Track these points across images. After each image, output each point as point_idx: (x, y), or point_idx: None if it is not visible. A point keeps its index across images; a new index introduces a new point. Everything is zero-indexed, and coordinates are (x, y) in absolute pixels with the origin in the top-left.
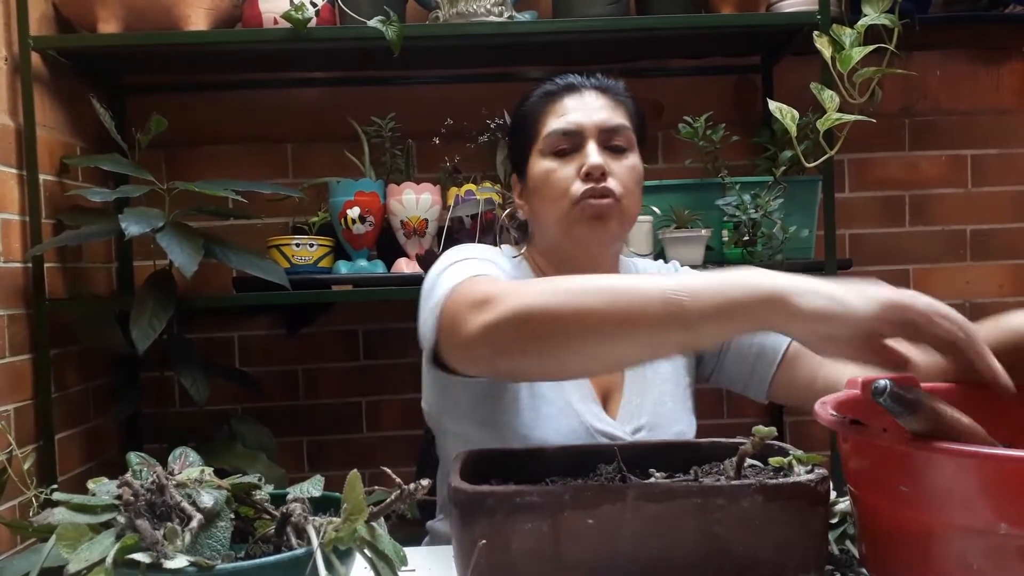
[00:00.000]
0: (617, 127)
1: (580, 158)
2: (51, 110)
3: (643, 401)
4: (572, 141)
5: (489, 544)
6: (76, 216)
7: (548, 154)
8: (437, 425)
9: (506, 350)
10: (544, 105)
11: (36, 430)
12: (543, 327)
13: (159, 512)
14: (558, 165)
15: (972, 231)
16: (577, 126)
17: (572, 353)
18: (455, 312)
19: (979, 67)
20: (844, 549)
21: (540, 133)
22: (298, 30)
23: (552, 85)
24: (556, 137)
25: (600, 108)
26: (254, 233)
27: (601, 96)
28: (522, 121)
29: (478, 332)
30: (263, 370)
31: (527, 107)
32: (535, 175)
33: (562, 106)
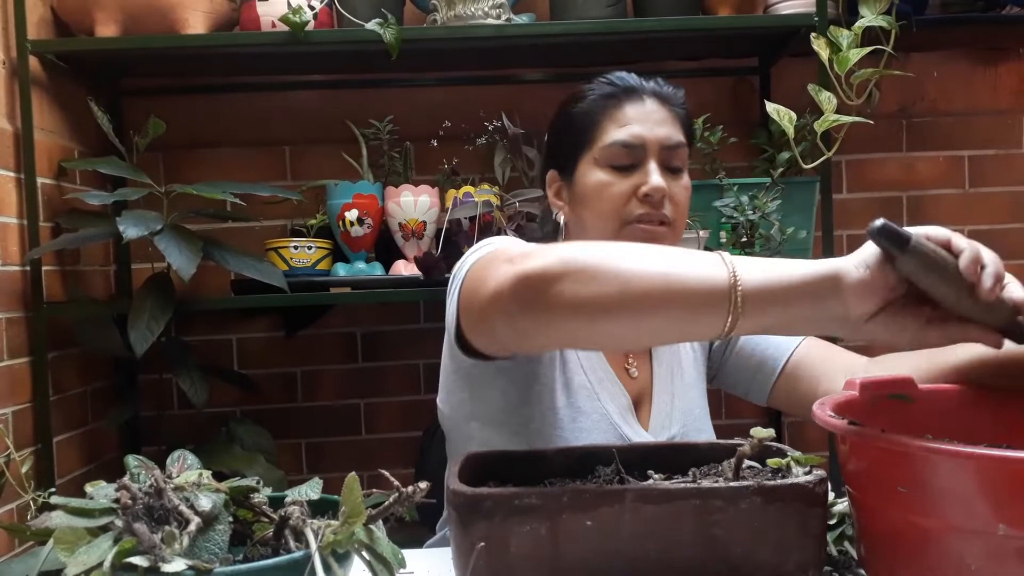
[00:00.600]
0: (677, 145)
1: (639, 176)
2: (49, 113)
3: (672, 409)
4: (633, 156)
5: (488, 546)
6: (74, 219)
7: (605, 165)
8: (459, 429)
9: (536, 306)
10: (603, 109)
11: (34, 433)
12: (588, 280)
13: (157, 515)
14: (615, 180)
15: (969, 232)
16: (640, 140)
17: (610, 320)
18: (485, 267)
19: (976, 68)
20: (842, 550)
21: (597, 140)
22: (296, 33)
23: (611, 87)
24: (617, 150)
25: (661, 121)
26: (252, 236)
27: (662, 106)
28: (576, 121)
29: (507, 281)
30: (261, 372)
31: (584, 107)
32: (587, 184)
33: (623, 114)
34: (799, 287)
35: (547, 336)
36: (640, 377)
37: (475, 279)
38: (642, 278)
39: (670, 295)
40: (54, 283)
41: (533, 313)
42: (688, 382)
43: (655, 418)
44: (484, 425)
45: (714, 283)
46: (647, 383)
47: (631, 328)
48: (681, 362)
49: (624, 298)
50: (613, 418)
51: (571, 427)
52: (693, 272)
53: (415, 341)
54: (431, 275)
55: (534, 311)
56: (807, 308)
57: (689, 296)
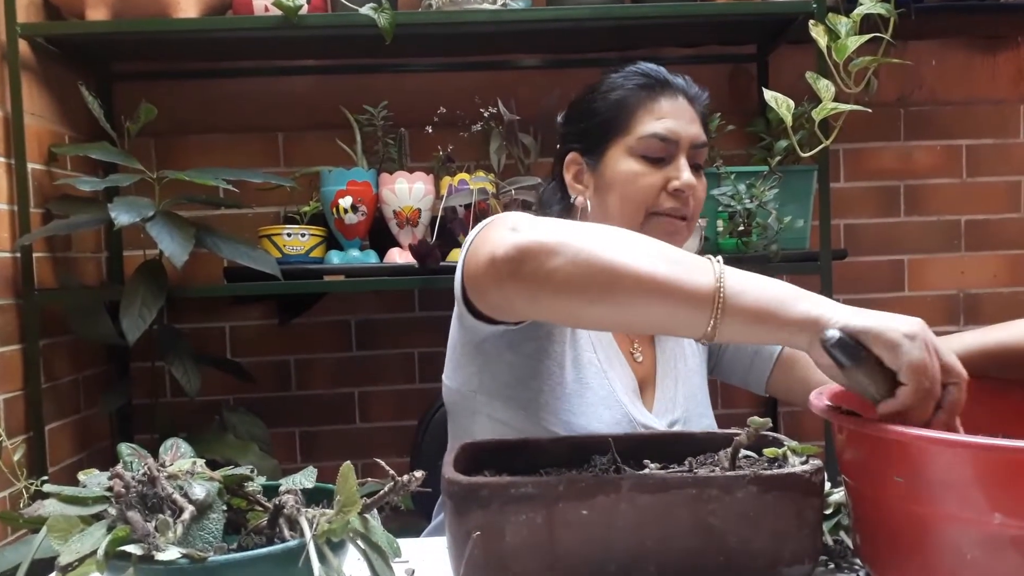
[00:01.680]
0: (703, 144)
1: (669, 171)
2: (39, 98)
3: (676, 394)
4: (666, 150)
5: (483, 535)
6: (65, 205)
7: (638, 155)
8: (465, 404)
9: (525, 276)
10: (640, 99)
11: (26, 421)
12: (581, 263)
13: (151, 504)
14: (647, 171)
15: (967, 221)
16: (675, 135)
17: (593, 304)
18: (489, 231)
19: (975, 56)
20: (838, 540)
21: (633, 129)
22: (289, 17)
23: (646, 78)
24: (653, 142)
25: (692, 120)
26: (245, 223)
27: (690, 105)
28: (609, 107)
29: (509, 246)
30: (255, 361)
31: (619, 94)
32: (617, 171)
33: (659, 107)
34: (780, 318)
35: (530, 307)
36: (644, 362)
37: (479, 242)
38: (633, 273)
39: (656, 293)
40: (45, 270)
41: (522, 282)
42: (691, 368)
43: (659, 402)
44: (491, 399)
45: (699, 289)
46: (651, 368)
47: (613, 315)
48: (684, 349)
49: (611, 287)
50: (620, 396)
51: (578, 402)
52: (683, 274)
53: (409, 329)
54: (426, 263)
55: (523, 280)
56: (780, 336)
57: (674, 296)
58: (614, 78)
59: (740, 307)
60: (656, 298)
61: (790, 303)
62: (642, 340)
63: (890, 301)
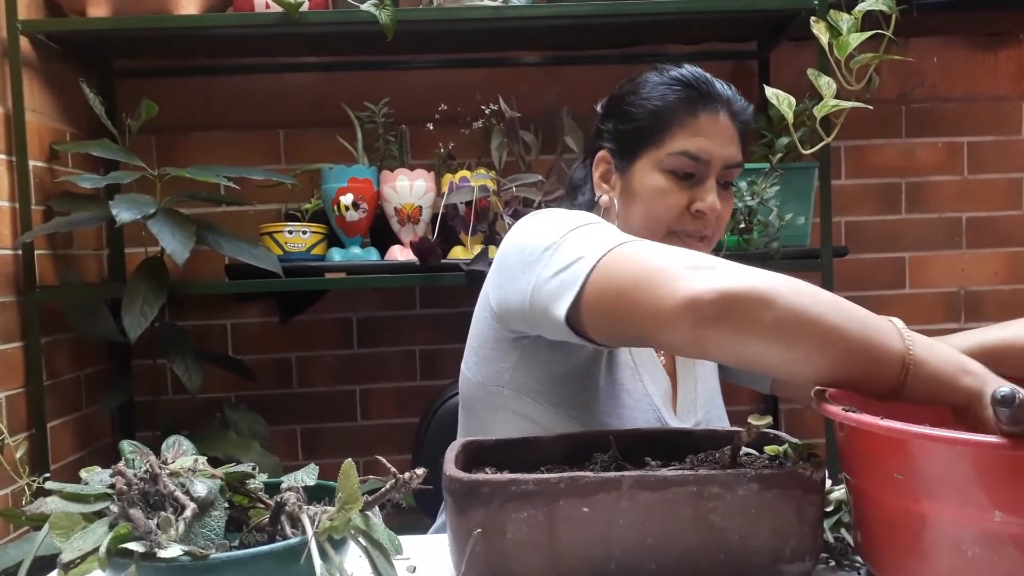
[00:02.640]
0: (738, 164)
1: (697, 192)
2: (40, 95)
3: (696, 396)
4: (697, 169)
5: (484, 533)
6: (66, 202)
7: (667, 170)
8: (489, 399)
9: (728, 319)
10: (677, 112)
11: (28, 418)
12: (782, 315)
13: (153, 501)
14: (674, 188)
15: (968, 218)
16: (708, 156)
17: (801, 355)
18: (653, 273)
19: (976, 53)
20: (839, 537)
21: (665, 143)
22: (290, 14)
23: (690, 90)
24: (684, 160)
25: (729, 140)
26: (246, 220)
27: (731, 121)
28: (646, 114)
29: (708, 291)
30: (256, 358)
31: (658, 104)
32: (644, 184)
33: (696, 123)
34: (950, 388)
35: (732, 352)
36: (666, 364)
37: (631, 281)
38: (840, 331)
39: (858, 354)
40: (46, 267)
41: (730, 329)
42: (707, 369)
43: (681, 404)
44: (520, 395)
45: (892, 353)
46: (671, 369)
47: (813, 366)
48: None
49: (822, 344)
50: (654, 399)
51: (610, 403)
52: (874, 337)
53: (411, 327)
54: (427, 260)
55: (732, 327)
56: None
57: (870, 357)
58: (656, 82)
59: (923, 375)
60: (856, 358)
61: (960, 376)
62: None
63: (891, 298)
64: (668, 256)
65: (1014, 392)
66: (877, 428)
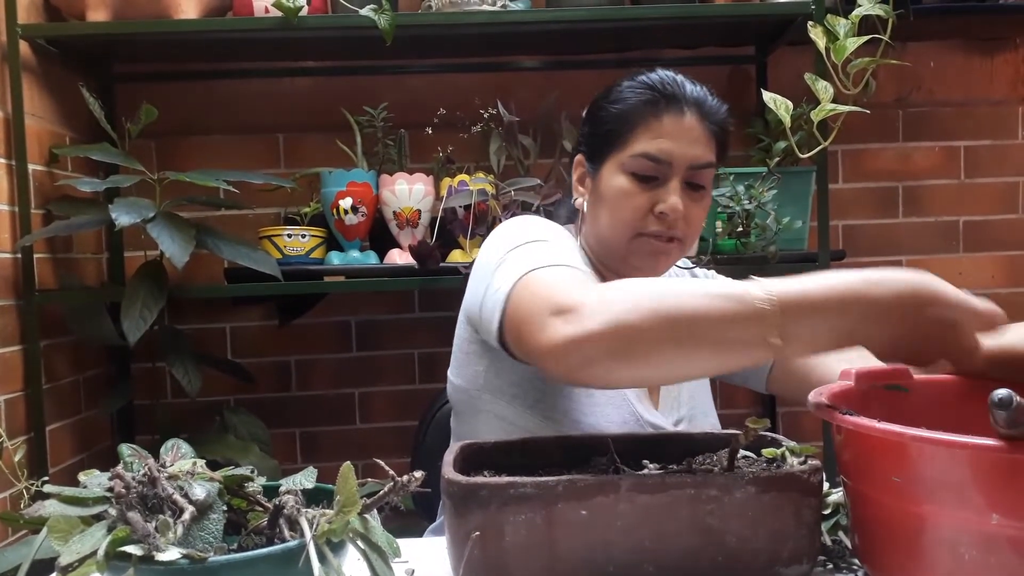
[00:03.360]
0: (705, 165)
1: (660, 194)
2: (40, 99)
3: (680, 392)
4: (658, 170)
5: (483, 536)
6: (66, 206)
7: (629, 172)
8: (471, 402)
9: (592, 363)
10: (640, 114)
11: (27, 422)
12: (633, 344)
13: (151, 504)
14: (636, 190)
15: (965, 222)
16: (668, 157)
17: (662, 367)
18: (531, 313)
19: (973, 58)
20: (837, 540)
21: (628, 145)
22: (289, 18)
23: (653, 93)
24: (644, 161)
25: (695, 140)
26: (246, 224)
27: (700, 122)
28: (611, 119)
29: (561, 343)
30: (255, 361)
31: (622, 107)
32: (610, 186)
33: (659, 124)
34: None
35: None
36: None
37: (525, 318)
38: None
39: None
40: (46, 271)
41: (597, 368)
42: None
43: (664, 400)
44: (496, 397)
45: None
46: None
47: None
48: None
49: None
50: (628, 395)
51: (587, 402)
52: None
53: (410, 330)
54: (426, 264)
55: (584, 372)
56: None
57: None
58: (625, 86)
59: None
60: (714, 345)
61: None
62: None
63: None
64: (542, 297)
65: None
66: (874, 431)
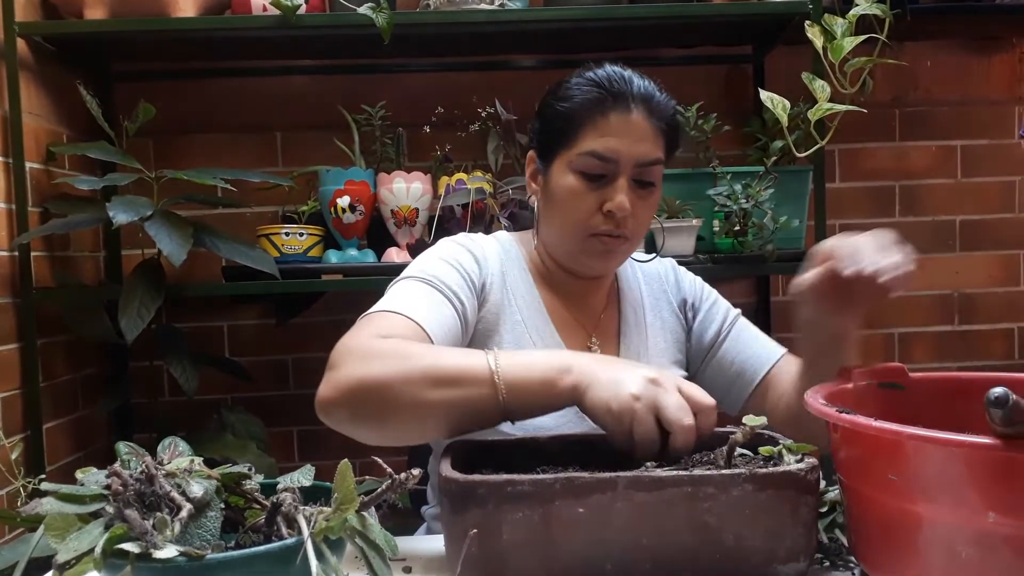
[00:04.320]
0: (653, 162)
1: (608, 192)
2: (37, 97)
3: (647, 351)
4: (605, 168)
5: (480, 533)
6: (63, 204)
7: (577, 171)
8: None
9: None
10: (587, 113)
11: (24, 420)
12: (374, 405)
13: (148, 502)
14: (584, 189)
15: (961, 221)
16: (615, 155)
17: (398, 428)
18: (332, 358)
19: (970, 57)
20: (833, 538)
21: (575, 144)
22: (287, 17)
23: (600, 91)
24: (591, 160)
25: (642, 137)
26: (243, 222)
27: (647, 117)
28: (559, 118)
29: (318, 402)
30: (253, 360)
31: (569, 105)
32: (558, 185)
33: (606, 123)
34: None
35: (359, 437)
36: (595, 324)
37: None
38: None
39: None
40: (43, 269)
41: (347, 426)
42: (659, 365)
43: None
44: None
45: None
46: (611, 330)
47: (423, 434)
48: (648, 350)
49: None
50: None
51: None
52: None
53: None
54: None
55: (348, 423)
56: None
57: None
58: (573, 83)
59: (521, 393)
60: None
61: (560, 378)
62: (601, 335)
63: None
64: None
65: (1007, 393)
66: (871, 429)
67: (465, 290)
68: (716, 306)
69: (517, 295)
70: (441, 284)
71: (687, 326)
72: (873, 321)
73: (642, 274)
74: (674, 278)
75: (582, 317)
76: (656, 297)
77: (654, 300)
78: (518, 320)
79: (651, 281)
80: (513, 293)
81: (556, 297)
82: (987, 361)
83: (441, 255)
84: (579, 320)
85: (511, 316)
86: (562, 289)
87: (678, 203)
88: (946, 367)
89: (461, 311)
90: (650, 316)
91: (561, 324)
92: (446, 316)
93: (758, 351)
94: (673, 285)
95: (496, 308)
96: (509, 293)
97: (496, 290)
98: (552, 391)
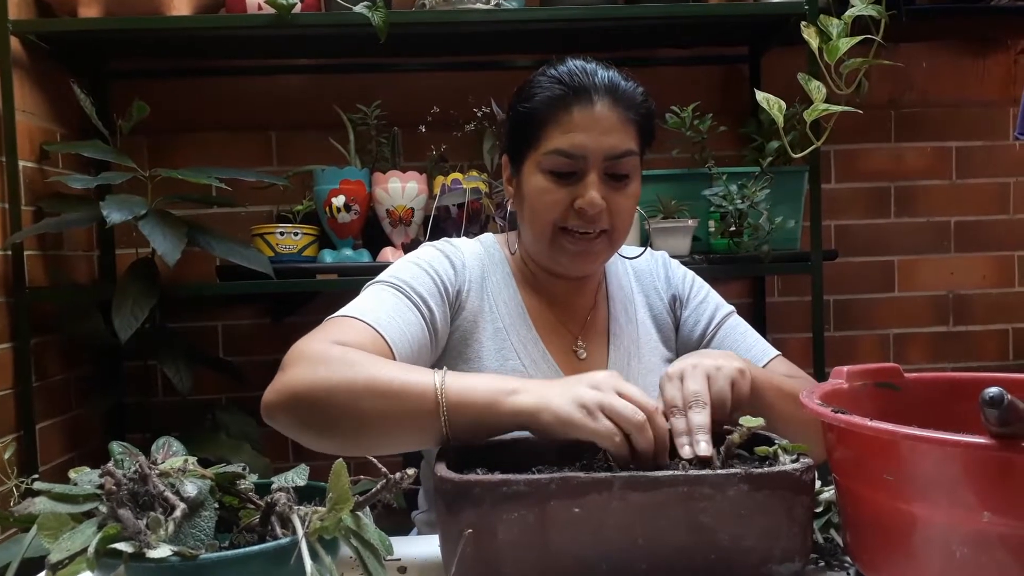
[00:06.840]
0: (624, 154)
1: (578, 188)
2: (31, 95)
3: (637, 351)
4: (574, 165)
5: (476, 533)
6: (57, 203)
7: (546, 171)
8: None
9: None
10: (550, 111)
11: (17, 419)
12: (317, 411)
13: (142, 502)
14: (554, 187)
15: (956, 222)
16: (582, 151)
17: (338, 437)
18: (284, 360)
19: (965, 59)
20: (828, 538)
21: (541, 144)
22: (283, 15)
23: (561, 87)
24: (558, 158)
25: (609, 129)
26: (238, 221)
27: (613, 109)
28: (523, 119)
29: (269, 400)
30: (247, 359)
31: (531, 106)
32: (528, 187)
33: (569, 119)
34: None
35: (304, 443)
36: (590, 359)
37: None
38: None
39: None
40: (36, 268)
41: (291, 431)
42: (647, 367)
43: (614, 356)
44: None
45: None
46: (601, 365)
47: (365, 448)
48: (640, 348)
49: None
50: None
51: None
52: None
53: None
54: None
55: (291, 429)
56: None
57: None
58: (535, 82)
59: (465, 415)
60: (400, 428)
61: (503, 399)
62: (589, 336)
63: (880, 302)
64: (293, 351)
65: (1002, 393)
66: (866, 429)
67: (436, 297)
68: (705, 302)
69: (499, 300)
70: (410, 290)
71: (676, 321)
72: (869, 322)
73: (633, 271)
74: (664, 273)
75: (568, 319)
76: (648, 293)
77: (645, 296)
78: (500, 327)
79: (642, 277)
80: (495, 299)
81: (540, 300)
82: (981, 362)
83: (417, 260)
84: (564, 323)
85: (492, 322)
86: (546, 291)
87: (674, 203)
88: (941, 367)
89: (429, 318)
90: (642, 313)
91: (544, 328)
92: (411, 323)
93: (748, 350)
94: (663, 280)
95: (474, 315)
96: (490, 299)
97: (474, 296)
98: (496, 411)
